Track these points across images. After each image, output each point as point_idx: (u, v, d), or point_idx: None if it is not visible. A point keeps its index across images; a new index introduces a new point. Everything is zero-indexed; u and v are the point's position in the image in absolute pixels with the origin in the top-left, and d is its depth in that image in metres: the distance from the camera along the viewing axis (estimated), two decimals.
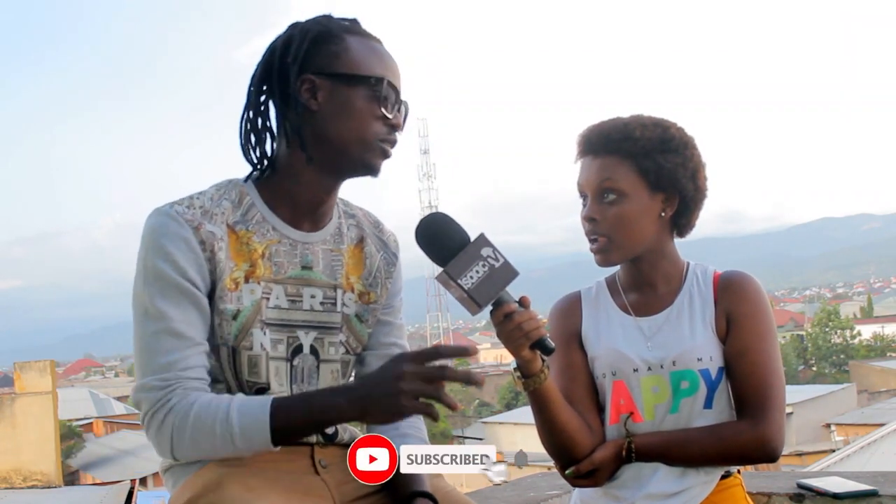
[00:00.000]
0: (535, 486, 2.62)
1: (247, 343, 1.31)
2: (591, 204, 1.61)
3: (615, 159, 1.60)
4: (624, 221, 1.59)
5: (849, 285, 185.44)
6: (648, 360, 1.61)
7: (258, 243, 1.33)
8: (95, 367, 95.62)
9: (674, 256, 1.68)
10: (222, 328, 1.30)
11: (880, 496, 2.07)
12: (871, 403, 26.15)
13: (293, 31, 1.35)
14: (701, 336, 1.60)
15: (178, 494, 1.32)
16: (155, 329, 1.25)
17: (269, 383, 1.34)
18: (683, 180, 1.61)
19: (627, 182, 1.59)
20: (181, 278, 1.26)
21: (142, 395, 1.25)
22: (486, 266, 1.34)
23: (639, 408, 1.61)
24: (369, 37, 1.37)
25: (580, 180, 1.65)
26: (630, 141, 1.60)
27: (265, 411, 1.21)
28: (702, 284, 1.65)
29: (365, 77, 1.32)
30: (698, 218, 1.68)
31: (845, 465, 13.83)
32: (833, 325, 44.21)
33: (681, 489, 1.57)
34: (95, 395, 32.12)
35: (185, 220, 1.28)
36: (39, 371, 14.67)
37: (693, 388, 1.58)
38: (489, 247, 1.35)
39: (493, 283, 1.34)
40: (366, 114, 1.33)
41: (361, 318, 1.45)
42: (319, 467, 1.38)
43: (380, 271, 1.47)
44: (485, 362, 60.49)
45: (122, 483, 7.81)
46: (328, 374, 1.41)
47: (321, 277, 1.39)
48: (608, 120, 1.66)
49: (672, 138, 1.61)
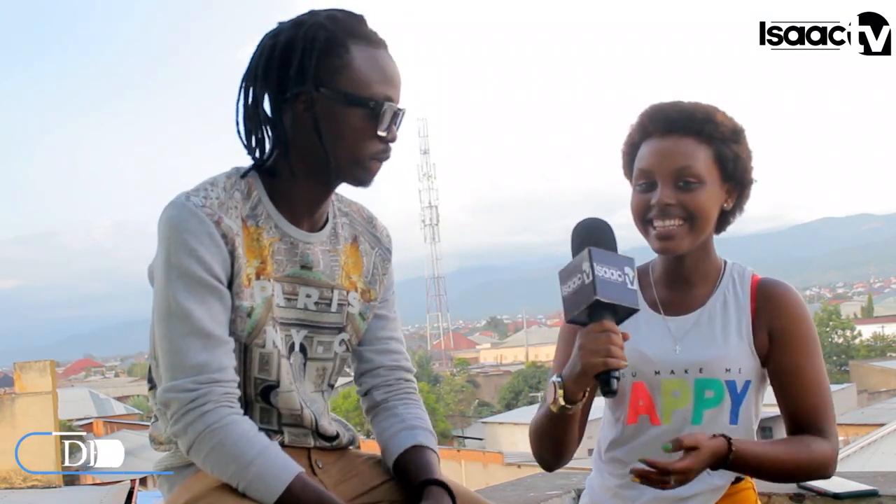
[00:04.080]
0: (535, 486, 2.62)
1: (259, 341, 1.31)
2: (666, 189, 1.50)
3: (694, 142, 1.51)
4: (701, 210, 1.50)
5: (849, 285, 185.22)
6: (672, 364, 1.54)
7: (266, 240, 1.33)
8: (95, 367, 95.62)
9: (714, 253, 1.61)
10: (236, 324, 1.29)
11: (880, 496, 2.07)
12: (871, 403, 26.13)
13: (297, 32, 1.29)
14: (734, 345, 1.54)
15: (174, 498, 1.32)
16: (182, 328, 1.24)
17: (279, 381, 1.34)
18: (749, 173, 1.57)
19: (707, 169, 1.50)
20: (207, 275, 1.25)
21: (172, 395, 1.24)
22: (623, 276, 1.29)
23: (657, 410, 1.55)
24: (375, 43, 1.32)
25: (649, 163, 1.52)
26: (712, 124, 1.52)
27: (278, 489, 1.21)
28: (738, 288, 1.58)
29: (365, 99, 1.28)
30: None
31: (845, 465, 13.82)
32: (833, 325, 44.19)
33: (693, 493, 1.52)
34: (95, 395, 32.07)
35: (205, 214, 1.26)
36: (39, 371, 14.68)
37: (717, 398, 1.52)
38: (632, 269, 1.32)
39: (624, 293, 1.29)
40: (362, 134, 1.30)
41: (364, 316, 1.45)
42: (316, 468, 1.39)
43: (376, 268, 1.47)
44: (485, 362, 60.50)
45: (122, 483, 7.81)
46: (313, 372, 1.41)
47: (320, 278, 1.38)
48: (678, 102, 1.56)
49: (742, 129, 1.56)
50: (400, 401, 1.46)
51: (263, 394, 1.34)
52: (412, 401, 1.47)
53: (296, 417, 1.38)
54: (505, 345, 76.80)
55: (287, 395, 1.35)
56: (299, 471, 1.24)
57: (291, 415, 1.37)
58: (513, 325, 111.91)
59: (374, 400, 1.48)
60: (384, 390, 1.47)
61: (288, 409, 1.36)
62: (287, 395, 1.35)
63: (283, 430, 1.38)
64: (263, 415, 1.36)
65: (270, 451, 1.24)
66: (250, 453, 1.22)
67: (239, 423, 1.25)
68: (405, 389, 1.48)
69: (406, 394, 1.48)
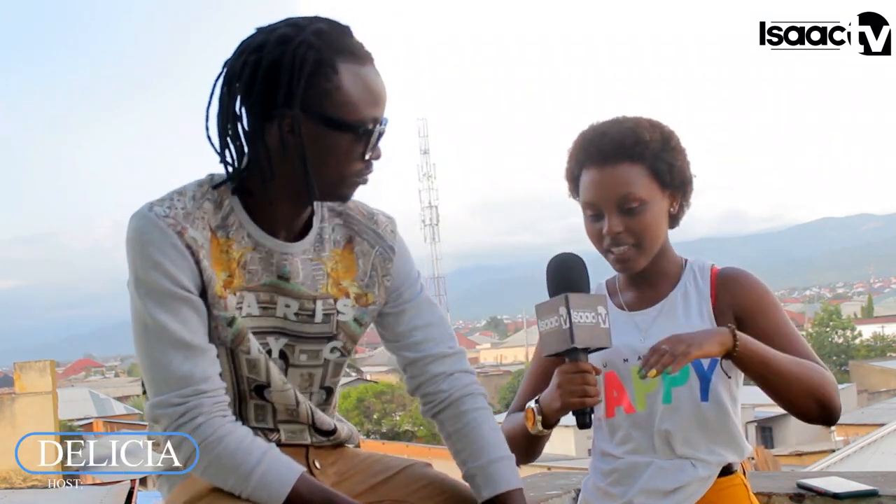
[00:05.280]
0: (535, 486, 2.62)
1: (244, 347, 1.30)
2: (612, 218, 1.56)
3: (628, 166, 1.56)
4: (649, 228, 1.57)
5: (849, 285, 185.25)
6: (640, 350, 1.58)
7: (236, 251, 1.30)
8: (95, 367, 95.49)
9: (671, 252, 1.67)
10: (219, 331, 1.28)
11: (880, 496, 2.08)
12: (871, 403, 26.12)
13: (284, 51, 1.22)
14: (696, 326, 1.58)
15: (174, 498, 1.32)
16: (160, 343, 1.23)
17: (269, 382, 1.33)
18: (688, 174, 1.62)
19: (646, 188, 1.56)
20: (176, 287, 1.23)
21: (160, 411, 1.23)
22: (597, 317, 1.41)
23: (630, 398, 1.61)
24: (361, 59, 1.26)
25: (592, 196, 1.58)
26: (642, 145, 1.56)
27: (283, 492, 1.21)
28: (698, 278, 1.65)
29: (354, 125, 1.25)
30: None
31: (845, 465, 13.82)
32: (833, 325, 44.16)
33: (678, 485, 1.56)
34: (95, 395, 32.01)
35: (167, 224, 1.23)
36: (39, 371, 14.69)
37: (684, 377, 1.57)
38: (605, 307, 1.43)
39: (597, 334, 1.42)
40: (347, 157, 1.27)
41: (360, 321, 1.41)
42: (314, 468, 1.38)
43: (375, 270, 1.42)
44: (485, 362, 60.48)
45: (122, 483, 7.78)
46: (297, 378, 1.38)
47: (299, 289, 1.34)
48: (604, 125, 1.61)
49: (671, 135, 1.61)
50: (439, 410, 1.46)
51: (257, 390, 1.34)
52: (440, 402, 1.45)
53: (292, 412, 1.37)
54: (505, 345, 76.71)
55: (281, 393, 1.34)
56: (302, 471, 1.24)
57: (287, 409, 1.37)
58: (513, 325, 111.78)
59: (423, 406, 1.48)
60: (421, 391, 1.46)
61: (283, 404, 1.36)
62: (281, 393, 1.34)
63: (279, 427, 1.37)
64: (258, 412, 1.36)
65: (270, 456, 1.24)
66: (250, 462, 1.22)
67: (234, 431, 1.24)
68: (438, 392, 1.45)
69: (441, 399, 1.45)
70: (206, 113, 1.28)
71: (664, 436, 1.57)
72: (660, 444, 1.58)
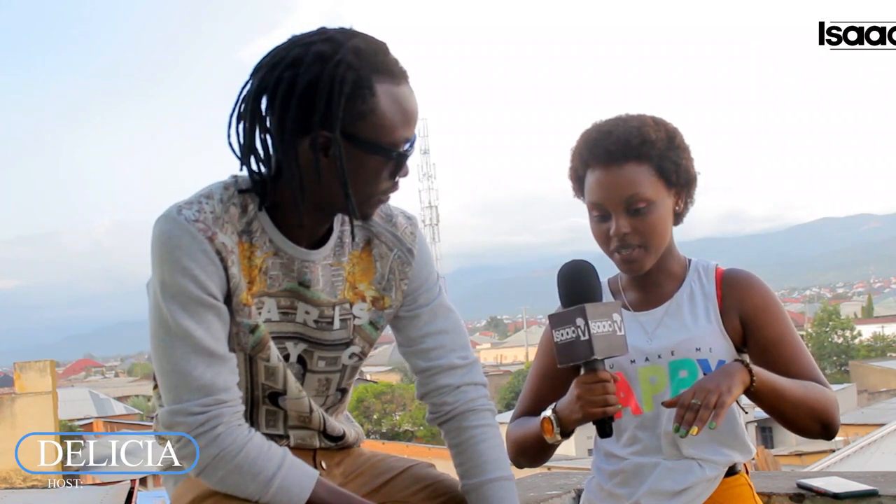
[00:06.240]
0: (535, 486, 2.62)
1: (264, 355, 1.30)
2: (620, 219, 1.55)
3: (635, 166, 1.54)
4: (656, 228, 1.56)
5: (849, 285, 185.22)
6: (646, 351, 1.59)
7: (258, 257, 1.29)
8: (95, 367, 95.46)
9: (676, 251, 1.67)
10: (239, 337, 1.27)
11: (880, 496, 2.07)
12: (871, 403, 26.10)
13: (322, 70, 1.19)
14: (703, 327, 1.58)
15: (180, 495, 1.32)
16: (184, 349, 1.21)
17: (286, 389, 1.33)
18: (692, 172, 1.61)
19: (653, 189, 1.55)
20: (203, 293, 1.21)
21: (180, 419, 1.21)
22: (613, 325, 1.40)
23: (637, 399, 1.60)
24: (397, 78, 1.24)
25: (598, 197, 1.56)
26: (648, 144, 1.54)
27: (302, 497, 1.22)
28: (703, 279, 1.64)
29: (388, 148, 1.23)
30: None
31: (845, 465, 13.81)
32: (833, 325, 44.12)
33: (685, 486, 1.55)
34: (95, 395, 32.00)
35: (198, 229, 1.21)
36: (39, 371, 14.68)
37: (691, 377, 1.56)
38: (619, 314, 1.42)
39: (615, 343, 1.40)
40: (377, 177, 1.26)
41: (376, 324, 1.40)
42: (321, 469, 1.39)
43: (393, 273, 1.40)
44: (485, 362, 60.47)
45: (122, 483, 7.78)
46: (314, 383, 1.38)
47: (319, 297, 1.33)
48: (609, 124, 1.59)
49: (675, 133, 1.59)
50: (443, 421, 1.46)
51: (271, 397, 1.34)
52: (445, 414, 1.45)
53: (304, 419, 1.37)
54: (505, 345, 76.66)
55: (296, 401, 1.35)
56: (318, 474, 1.25)
57: (300, 417, 1.37)
58: (513, 325, 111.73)
59: (428, 414, 1.48)
60: (428, 399, 1.46)
61: (296, 412, 1.36)
62: (296, 401, 1.35)
63: (289, 433, 1.38)
64: (270, 417, 1.36)
65: (287, 462, 1.24)
66: (270, 468, 1.22)
67: (252, 439, 1.24)
68: (443, 404, 1.44)
69: (444, 412, 1.45)
70: (229, 121, 1.25)
71: (671, 437, 1.56)
72: (666, 444, 1.58)
